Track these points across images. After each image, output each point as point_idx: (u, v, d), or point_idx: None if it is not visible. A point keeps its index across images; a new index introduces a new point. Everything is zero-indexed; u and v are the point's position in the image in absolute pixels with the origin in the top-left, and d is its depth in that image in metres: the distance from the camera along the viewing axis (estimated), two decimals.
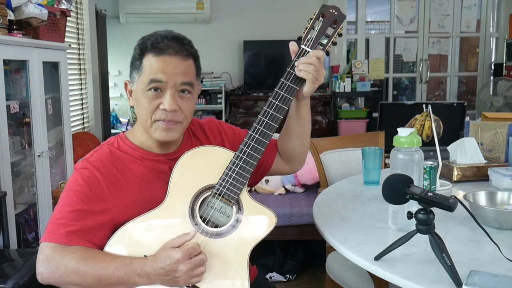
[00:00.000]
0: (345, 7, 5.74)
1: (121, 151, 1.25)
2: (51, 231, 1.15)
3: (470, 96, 6.33)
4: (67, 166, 2.90)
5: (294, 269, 2.93)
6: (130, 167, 1.23)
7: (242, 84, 5.58)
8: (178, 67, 1.19)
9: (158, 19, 5.36)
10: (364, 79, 5.59)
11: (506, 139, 1.95)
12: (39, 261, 1.14)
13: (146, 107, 1.20)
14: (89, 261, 1.11)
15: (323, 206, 1.62)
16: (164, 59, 1.18)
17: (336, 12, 1.24)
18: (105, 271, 1.10)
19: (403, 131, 1.33)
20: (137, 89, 1.22)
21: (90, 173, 1.19)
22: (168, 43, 1.18)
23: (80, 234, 1.14)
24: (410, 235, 1.12)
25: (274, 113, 1.22)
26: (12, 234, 2.24)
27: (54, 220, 1.16)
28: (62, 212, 1.16)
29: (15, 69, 2.52)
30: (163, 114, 1.19)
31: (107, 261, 1.12)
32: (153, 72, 1.18)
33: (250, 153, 1.20)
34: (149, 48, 1.19)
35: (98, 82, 4.36)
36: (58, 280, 1.12)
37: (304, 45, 1.24)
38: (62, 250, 1.12)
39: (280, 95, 1.22)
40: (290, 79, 1.23)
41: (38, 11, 2.44)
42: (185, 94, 1.22)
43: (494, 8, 6.11)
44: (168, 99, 1.18)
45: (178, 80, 1.19)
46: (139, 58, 1.20)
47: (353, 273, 1.77)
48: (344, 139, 2.57)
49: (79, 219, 1.15)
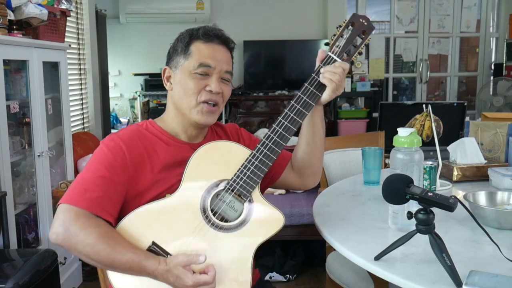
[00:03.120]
0: (345, 7, 5.74)
1: (149, 132, 1.31)
2: (72, 193, 1.17)
3: (470, 96, 6.33)
4: (67, 166, 2.90)
5: (294, 269, 2.93)
6: (156, 148, 1.28)
7: (242, 84, 5.58)
8: (224, 56, 1.31)
9: (158, 19, 5.36)
10: (364, 79, 5.59)
11: (506, 139, 1.95)
12: (58, 221, 1.14)
13: (192, 88, 1.27)
14: (109, 241, 1.13)
15: (323, 206, 1.62)
16: (213, 47, 1.29)
17: (366, 23, 1.26)
18: (121, 257, 1.12)
19: (403, 131, 1.33)
20: (182, 71, 1.29)
21: (115, 144, 1.24)
22: (217, 33, 1.31)
23: (100, 202, 1.17)
24: (410, 235, 1.12)
25: (294, 117, 1.25)
26: (12, 234, 2.23)
27: (76, 184, 1.19)
28: (85, 178, 1.20)
29: (15, 69, 2.51)
30: (208, 95, 1.28)
31: (124, 248, 1.13)
32: (203, 57, 1.27)
33: (266, 153, 1.23)
34: (201, 35, 1.29)
35: (98, 82, 4.36)
36: (72, 246, 1.13)
37: (332, 52, 1.27)
38: (85, 219, 1.13)
39: (302, 99, 1.26)
40: (314, 84, 1.26)
41: (38, 11, 2.43)
42: (225, 81, 1.32)
43: (494, 8, 6.11)
44: (215, 82, 1.28)
45: (224, 68, 1.30)
46: (187, 44, 1.29)
47: (353, 273, 1.77)
48: (344, 139, 2.57)
49: (101, 186, 1.18)
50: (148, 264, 1.12)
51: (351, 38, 1.26)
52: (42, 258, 2.08)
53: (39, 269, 2.00)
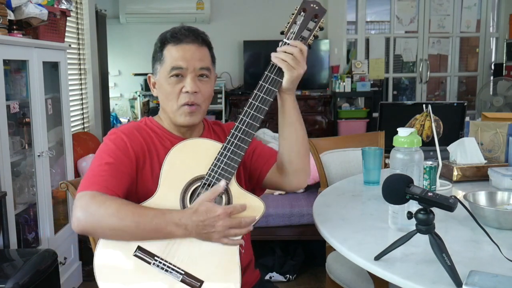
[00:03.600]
0: (345, 7, 5.74)
1: (148, 128, 1.36)
2: (83, 183, 1.22)
3: (470, 96, 6.34)
4: (67, 166, 2.90)
5: (294, 269, 2.94)
6: (154, 141, 1.34)
7: (242, 84, 5.58)
8: (196, 54, 1.31)
9: (158, 19, 5.36)
10: (364, 79, 5.59)
11: (506, 139, 1.95)
12: (76, 208, 1.17)
13: (170, 92, 1.31)
14: (129, 207, 1.16)
15: (323, 206, 1.62)
16: (182, 47, 1.30)
17: (317, 7, 1.28)
18: (145, 216, 1.15)
19: (403, 131, 1.33)
20: (160, 77, 1.33)
21: (117, 136, 1.30)
22: (185, 33, 1.31)
23: (109, 183, 1.20)
24: (410, 235, 1.12)
25: (259, 105, 1.26)
26: (12, 234, 2.23)
27: (86, 175, 1.24)
28: (92, 168, 1.25)
29: (15, 69, 2.51)
30: (186, 97, 1.30)
31: (146, 208, 1.18)
32: (174, 60, 1.30)
33: (237, 143, 1.23)
34: (169, 39, 1.31)
35: (98, 82, 4.36)
36: (96, 224, 1.15)
37: (286, 39, 1.29)
38: (100, 197, 1.17)
39: (264, 87, 1.27)
40: (273, 71, 1.27)
41: (38, 11, 2.43)
42: (203, 78, 1.33)
43: (494, 8, 6.11)
44: (189, 82, 1.29)
45: (197, 65, 1.30)
46: (160, 50, 1.32)
47: (353, 273, 1.77)
48: (344, 139, 2.57)
49: (108, 171, 1.23)
50: (173, 214, 1.15)
51: (305, 24, 1.28)
52: (42, 258, 2.08)
53: (39, 269, 2.00)
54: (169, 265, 1.17)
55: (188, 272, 1.17)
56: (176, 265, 1.17)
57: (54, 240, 2.60)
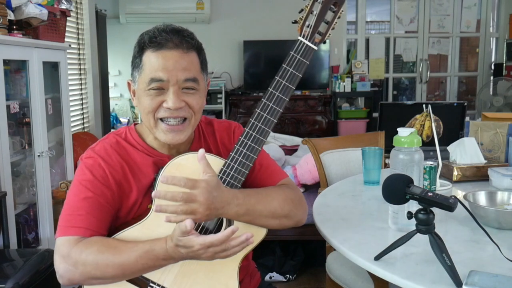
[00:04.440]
0: (345, 7, 5.73)
1: (127, 142, 1.20)
2: (61, 225, 1.12)
3: (470, 96, 6.34)
4: (67, 166, 2.90)
5: (294, 269, 2.93)
6: (135, 158, 1.18)
7: (242, 84, 5.58)
8: (180, 62, 1.10)
9: (158, 19, 5.36)
10: (364, 79, 5.59)
11: (506, 139, 1.95)
12: (56, 262, 1.09)
13: (147, 106, 1.12)
14: (107, 253, 1.06)
15: (323, 206, 1.62)
16: (163, 54, 1.10)
17: None
18: (128, 260, 1.06)
19: (403, 131, 1.33)
20: (138, 88, 1.15)
21: (93, 162, 1.15)
22: (166, 36, 1.10)
23: (87, 223, 1.10)
24: (410, 235, 1.12)
25: (268, 117, 1.12)
26: (12, 234, 2.24)
27: (63, 215, 1.14)
28: (69, 204, 1.14)
29: (15, 69, 2.51)
30: (167, 112, 1.12)
31: (126, 250, 1.06)
32: (153, 70, 1.10)
33: (242, 161, 1.11)
34: (147, 44, 1.11)
35: (98, 82, 4.36)
36: (80, 278, 1.08)
37: (302, 37, 1.10)
38: (76, 246, 1.07)
39: (275, 95, 1.12)
40: (285, 77, 1.12)
41: (38, 11, 2.43)
42: (189, 91, 1.13)
43: (494, 8, 6.11)
44: (171, 97, 1.10)
45: (181, 77, 1.11)
46: (139, 55, 1.14)
47: (353, 273, 1.77)
48: (344, 139, 2.56)
49: (85, 208, 1.11)
50: (157, 249, 1.05)
51: (323, 13, 1.08)
52: (42, 258, 2.08)
53: (39, 269, 2.00)
54: None
55: None
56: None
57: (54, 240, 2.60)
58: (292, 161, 3.29)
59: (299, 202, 1.23)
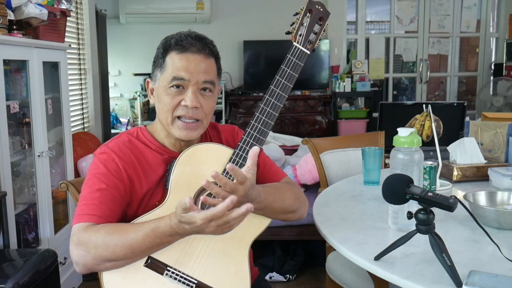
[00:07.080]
0: (345, 7, 5.74)
1: (140, 141, 1.28)
2: (76, 214, 1.18)
3: (470, 96, 6.34)
4: (67, 166, 2.90)
5: (294, 269, 2.94)
6: (146, 156, 1.26)
7: (242, 84, 5.58)
8: (201, 65, 1.22)
9: (158, 19, 5.36)
10: (364, 79, 5.60)
11: (506, 139, 1.95)
12: (71, 250, 1.14)
13: (167, 104, 1.22)
14: (115, 234, 1.11)
15: (323, 206, 1.62)
16: (187, 57, 1.21)
17: (322, 9, 1.26)
18: (135, 239, 1.10)
19: (403, 131, 1.33)
20: (159, 86, 1.25)
21: (107, 156, 1.22)
22: (191, 41, 1.22)
23: (100, 212, 1.15)
24: (410, 235, 1.12)
25: (270, 111, 1.23)
26: (12, 234, 2.23)
27: (78, 206, 1.20)
28: (84, 195, 1.20)
29: (15, 69, 2.51)
30: (184, 110, 1.22)
31: (133, 230, 1.11)
32: (176, 70, 1.21)
33: (249, 150, 1.19)
34: (173, 46, 1.22)
35: (98, 82, 4.36)
36: (93, 262, 1.11)
37: (297, 42, 1.24)
38: (86, 231, 1.12)
39: (275, 92, 1.23)
40: (284, 76, 1.24)
41: (38, 11, 2.43)
42: (206, 93, 1.24)
43: (494, 8, 6.11)
44: (190, 96, 1.21)
45: (201, 78, 1.22)
46: (162, 56, 1.24)
47: (353, 273, 1.77)
48: (344, 139, 2.57)
49: (99, 198, 1.17)
50: (163, 226, 1.09)
51: (311, 26, 1.25)
52: (42, 258, 2.08)
53: (39, 269, 2.00)
54: (182, 275, 1.16)
55: (201, 281, 1.17)
56: (189, 275, 1.16)
57: (54, 240, 2.60)
58: (292, 161, 3.29)
59: (304, 199, 1.35)
